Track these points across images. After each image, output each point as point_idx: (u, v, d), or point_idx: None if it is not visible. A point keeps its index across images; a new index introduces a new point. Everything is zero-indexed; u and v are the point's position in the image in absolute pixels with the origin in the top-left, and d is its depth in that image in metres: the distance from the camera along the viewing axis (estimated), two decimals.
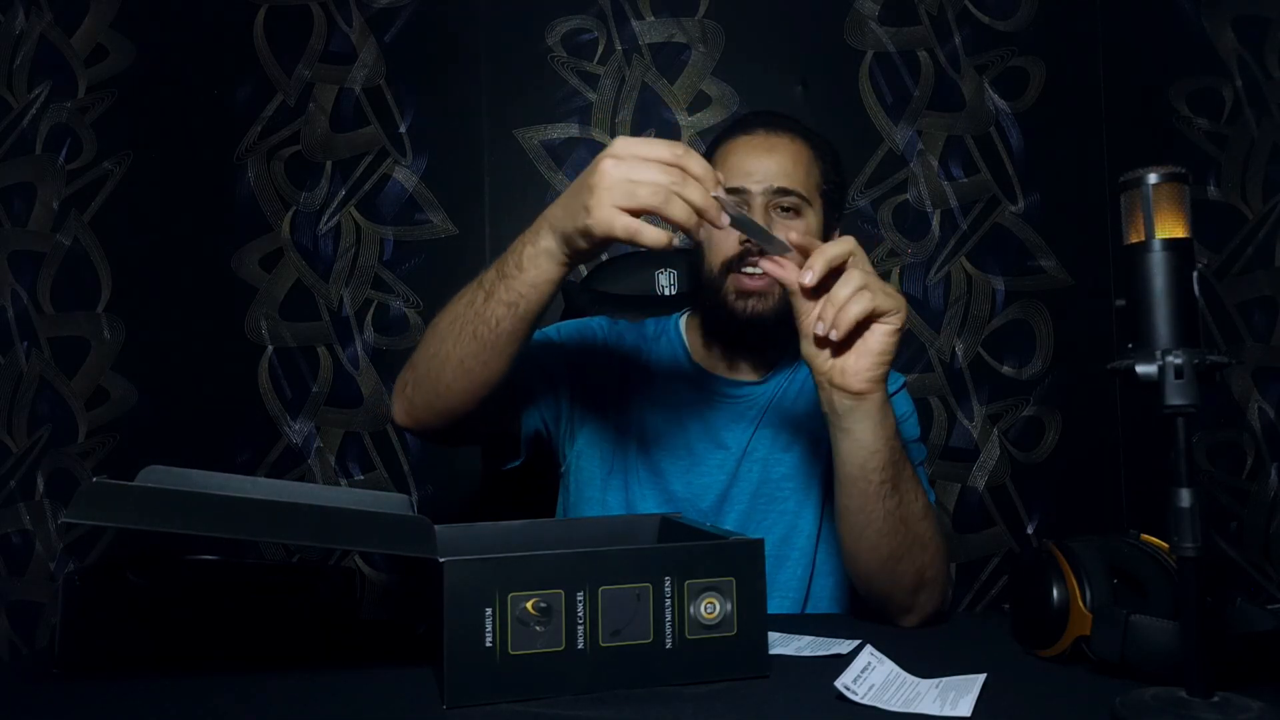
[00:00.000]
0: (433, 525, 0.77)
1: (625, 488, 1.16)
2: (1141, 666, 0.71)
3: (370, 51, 1.86)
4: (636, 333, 1.24)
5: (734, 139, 1.17)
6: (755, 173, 1.12)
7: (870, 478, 0.93)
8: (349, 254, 1.85)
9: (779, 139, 1.15)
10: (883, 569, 0.96)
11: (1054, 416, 1.86)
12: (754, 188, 1.12)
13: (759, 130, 1.16)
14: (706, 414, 1.17)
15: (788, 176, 1.12)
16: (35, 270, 1.83)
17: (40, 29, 1.85)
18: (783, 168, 1.13)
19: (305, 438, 1.84)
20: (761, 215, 1.10)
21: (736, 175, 1.13)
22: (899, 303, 0.90)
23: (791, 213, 1.12)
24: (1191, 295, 0.66)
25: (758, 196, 1.11)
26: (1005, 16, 1.88)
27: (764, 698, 0.71)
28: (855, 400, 0.91)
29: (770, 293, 1.11)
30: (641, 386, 1.19)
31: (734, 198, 1.08)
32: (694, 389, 1.18)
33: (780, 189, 1.11)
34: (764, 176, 1.12)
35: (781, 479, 1.15)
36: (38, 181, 1.84)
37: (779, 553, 1.12)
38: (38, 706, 0.73)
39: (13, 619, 1.81)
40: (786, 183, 1.12)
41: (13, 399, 1.82)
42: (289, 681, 0.77)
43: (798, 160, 1.14)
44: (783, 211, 1.12)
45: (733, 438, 1.16)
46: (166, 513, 0.69)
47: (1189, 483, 0.63)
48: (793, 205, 1.12)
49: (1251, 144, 1.86)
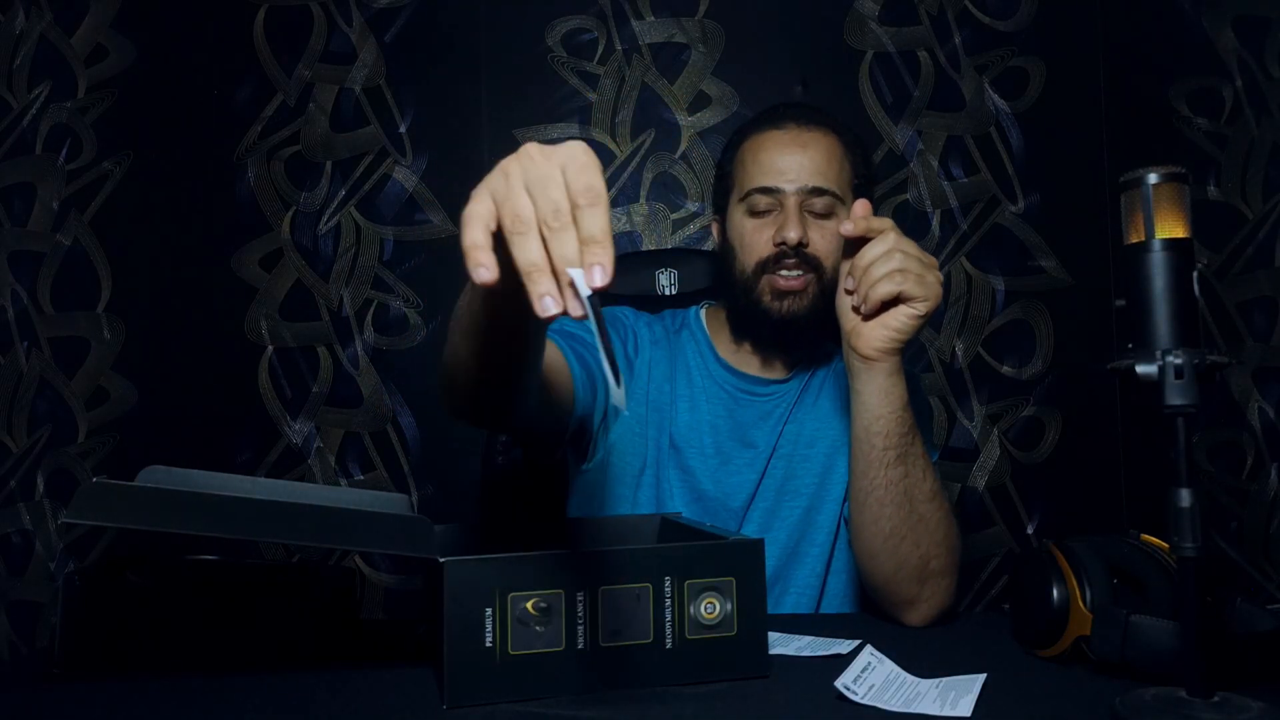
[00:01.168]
0: (433, 525, 0.77)
1: (656, 485, 1.14)
2: (1141, 666, 0.71)
3: (370, 51, 1.86)
4: (660, 325, 1.22)
5: (763, 133, 1.13)
6: (788, 171, 1.08)
7: (874, 442, 0.95)
8: (349, 254, 1.85)
9: (812, 134, 1.11)
10: (885, 546, 0.96)
11: (1054, 416, 1.86)
12: (787, 187, 1.08)
13: (790, 124, 1.12)
14: (736, 412, 1.16)
15: (822, 175, 1.09)
16: (35, 270, 1.83)
17: (40, 29, 1.85)
18: (816, 165, 1.09)
19: (305, 438, 1.84)
20: (795, 215, 1.07)
21: (769, 173, 1.09)
22: (930, 291, 0.90)
23: (823, 215, 1.09)
24: (1191, 295, 0.66)
25: (791, 196, 1.08)
26: (1005, 16, 1.88)
27: (764, 698, 0.71)
28: (864, 364, 0.94)
29: (806, 292, 1.09)
30: (670, 382, 1.17)
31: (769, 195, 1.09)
32: (722, 387, 1.17)
33: (815, 188, 1.08)
34: (798, 175, 1.08)
35: (805, 476, 1.14)
36: (38, 181, 1.84)
37: (798, 549, 1.12)
38: (38, 706, 0.73)
39: (13, 619, 1.81)
40: (821, 181, 1.08)
41: (13, 399, 1.82)
42: (289, 681, 0.77)
43: (831, 156, 1.10)
44: (815, 215, 1.09)
45: (761, 436, 1.14)
46: (166, 513, 0.69)
47: (1189, 483, 0.63)
48: (826, 207, 1.09)
49: (1251, 144, 1.86)
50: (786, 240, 1.06)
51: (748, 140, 1.14)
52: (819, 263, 1.08)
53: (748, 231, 1.11)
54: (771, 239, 1.08)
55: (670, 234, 1.86)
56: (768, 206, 1.10)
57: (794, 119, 1.12)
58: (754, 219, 1.11)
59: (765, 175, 1.09)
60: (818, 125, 1.12)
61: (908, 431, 0.95)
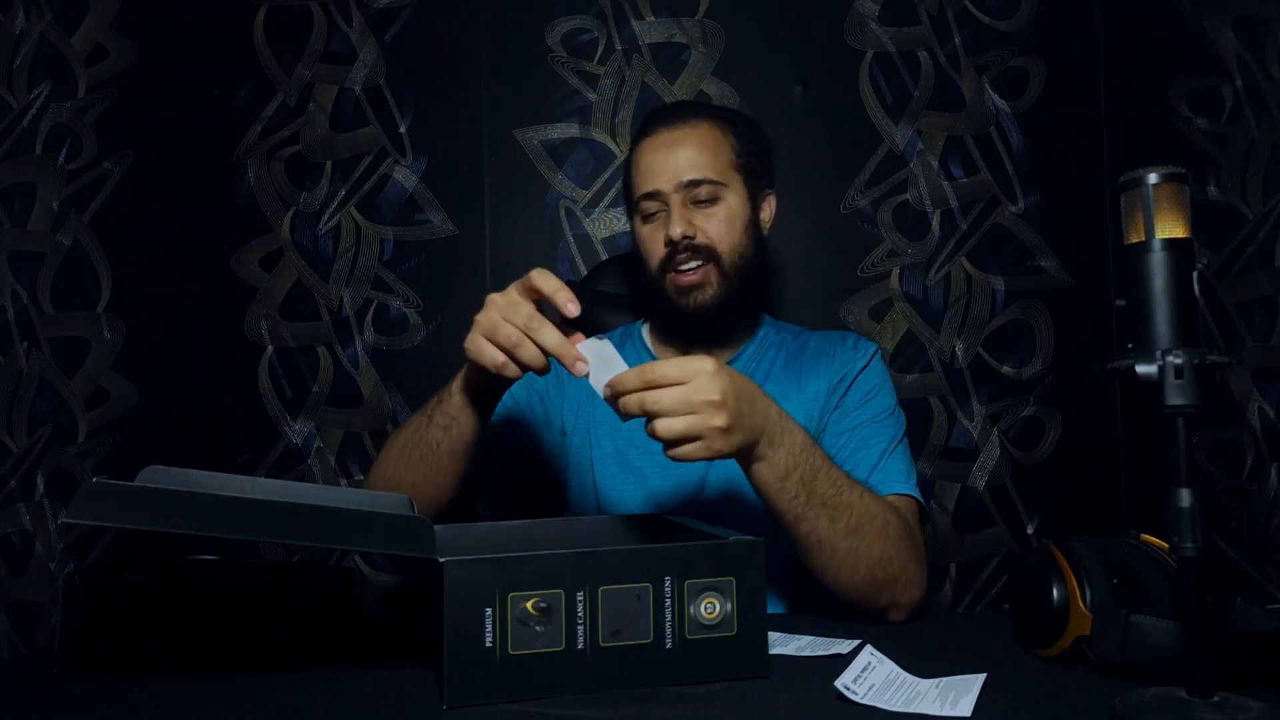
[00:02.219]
0: (433, 525, 0.77)
1: (606, 483, 1.21)
2: (1141, 666, 0.71)
3: (370, 51, 1.86)
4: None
5: (639, 143, 1.21)
6: (663, 171, 1.16)
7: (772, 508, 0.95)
8: (349, 254, 1.85)
9: (679, 131, 1.18)
10: (830, 579, 0.98)
11: (1054, 416, 1.86)
12: (665, 187, 1.15)
13: (660, 129, 1.20)
14: None
15: (695, 166, 1.15)
16: (35, 270, 1.83)
17: (40, 29, 1.85)
18: (689, 159, 1.16)
19: (305, 438, 1.84)
20: (676, 211, 1.14)
21: (647, 179, 1.17)
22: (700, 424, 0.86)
23: (709, 202, 1.16)
24: (1191, 295, 0.66)
25: (671, 195, 1.15)
26: (1005, 16, 1.88)
27: (764, 698, 0.71)
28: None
29: (708, 282, 1.15)
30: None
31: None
32: None
33: (691, 181, 1.15)
34: (672, 173, 1.15)
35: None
36: (38, 181, 1.84)
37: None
38: (38, 706, 0.73)
39: (13, 619, 1.81)
40: (695, 173, 1.15)
41: (13, 399, 1.82)
42: (289, 681, 0.77)
43: (703, 145, 1.17)
44: (700, 205, 1.15)
45: None
46: (166, 513, 0.69)
47: (1189, 483, 0.63)
48: (709, 194, 1.15)
49: (1251, 144, 1.86)
50: (671, 237, 1.13)
51: (633, 151, 1.23)
52: (713, 250, 1.15)
53: (645, 237, 1.19)
54: (664, 239, 1.15)
55: None
56: (655, 209, 1.17)
57: (663, 122, 1.21)
58: (647, 224, 1.19)
59: (645, 181, 1.17)
60: (685, 120, 1.19)
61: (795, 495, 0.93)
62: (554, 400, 1.26)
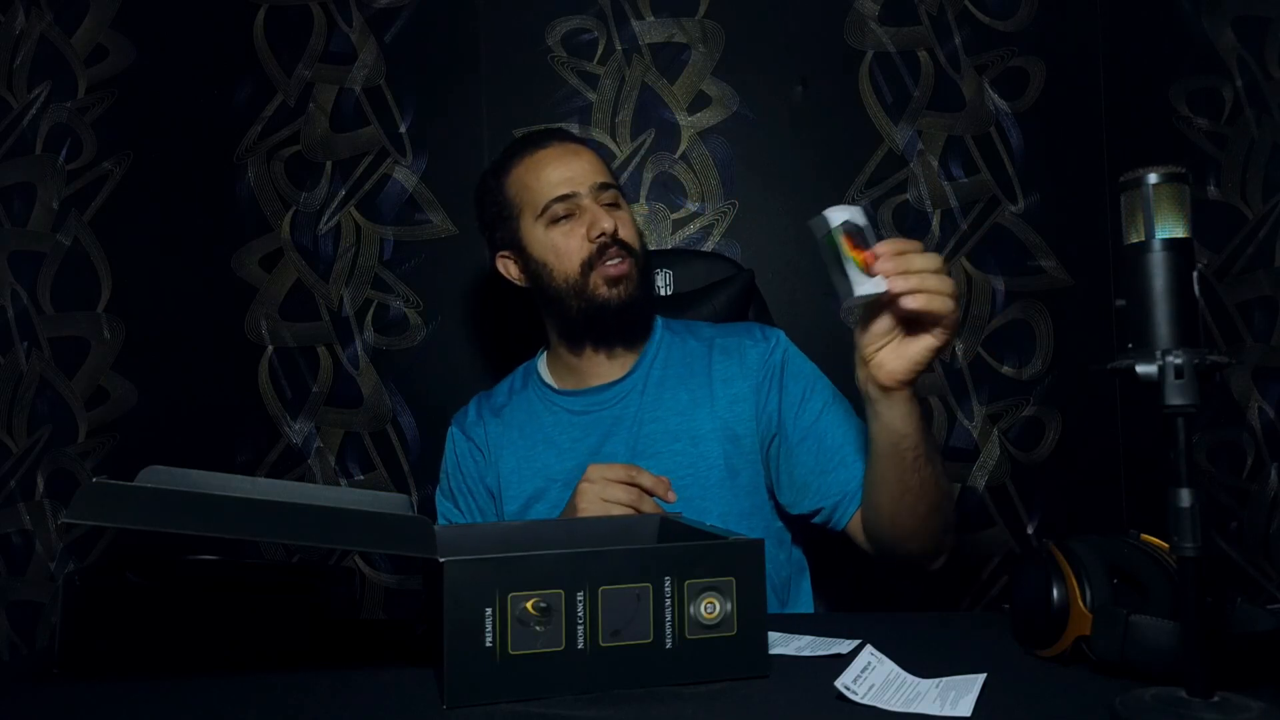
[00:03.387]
0: (433, 525, 0.77)
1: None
2: (1141, 666, 0.71)
3: (370, 51, 1.86)
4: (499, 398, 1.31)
5: (532, 156, 1.25)
6: (576, 175, 1.21)
7: (905, 455, 1.01)
8: (349, 254, 1.85)
9: (573, 145, 1.26)
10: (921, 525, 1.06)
11: (1054, 416, 1.86)
12: (580, 189, 1.20)
13: (553, 142, 1.26)
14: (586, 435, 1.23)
15: (602, 173, 1.23)
16: (35, 270, 1.83)
17: (40, 29, 1.85)
18: (595, 166, 1.24)
19: (305, 438, 1.84)
20: (600, 209, 1.20)
21: (559, 184, 1.21)
22: (954, 325, 0.94)
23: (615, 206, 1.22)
24: (1191, 295, 0.66)
25: (586, 196, 1.20)
26: (1005, 16, 1.88)
27: (764, 698, 0.71)
28: (885, 394, 0.98)
29: (631, 274, 1.20)
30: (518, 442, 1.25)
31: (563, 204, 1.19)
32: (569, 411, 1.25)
33: (603, 184, 1.22)
34: (585, 177, 1.21)
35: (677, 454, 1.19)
36: (38, 181, 1.84)
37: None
38: (38, 706, 0.73)
39: (13, 619, 1.81)
40: (605, 178, 1.23)
41: (13, 399, 1.82)
42: (289, 681, 0.77)
43: (597, 160, 1.25)
44: (610, 207, 1.21)
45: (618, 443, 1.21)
46: (166, 513, 0.69)
47: (1189, 483, 0.63)
48: (614, 199, 1.23)
49: (1251, 144, 1.85)
50: (605, 231, 1.17)
51: (516, 169, 1.26)
52: (630, 247, 1.21)
53: (558, 240, 1.21)
54: (586, 236, 1.19)
55: (670, 234, 1.86)
56: (566, 211, 1.20)
57: (554, 138, 1.27)
58: (558, 228, 1.21)
59: (556, 186, 1.21)
60: (573, 139, 1.28)
61: (929, 433, 1.03)
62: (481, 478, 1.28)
